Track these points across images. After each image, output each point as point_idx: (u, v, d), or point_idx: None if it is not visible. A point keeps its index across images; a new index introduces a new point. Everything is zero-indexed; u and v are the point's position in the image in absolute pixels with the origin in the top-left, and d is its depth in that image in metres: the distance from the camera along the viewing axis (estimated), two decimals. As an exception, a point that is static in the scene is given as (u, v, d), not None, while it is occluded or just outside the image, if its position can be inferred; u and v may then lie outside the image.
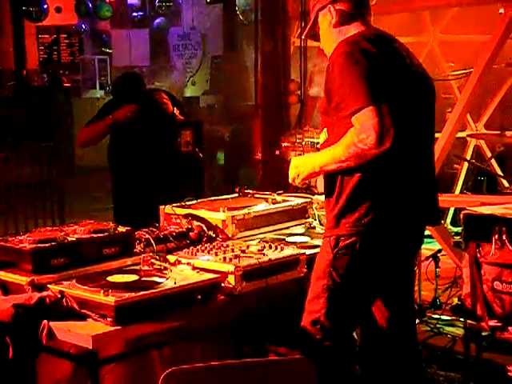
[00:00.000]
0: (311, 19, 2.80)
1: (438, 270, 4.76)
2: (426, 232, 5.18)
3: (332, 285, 2.56)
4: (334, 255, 2.55)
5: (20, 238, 2.80)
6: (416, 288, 4.79)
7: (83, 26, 15.31)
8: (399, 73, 2.58)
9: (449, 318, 4.53)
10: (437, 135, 5.20)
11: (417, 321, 4.59)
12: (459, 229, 4.23)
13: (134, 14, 14.94)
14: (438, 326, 4.53)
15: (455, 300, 3.74)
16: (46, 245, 2.69)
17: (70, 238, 2.79)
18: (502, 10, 5.10)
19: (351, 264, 2.55)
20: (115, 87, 5.25)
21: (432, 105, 2.76)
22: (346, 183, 2.56)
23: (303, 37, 3.13)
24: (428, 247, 5.36)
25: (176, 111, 4.86)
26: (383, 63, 2.52)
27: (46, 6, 13.33)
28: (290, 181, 2.74)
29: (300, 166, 2.67)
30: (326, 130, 2.65)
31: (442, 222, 6.22)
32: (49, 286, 2.54)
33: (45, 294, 2.47)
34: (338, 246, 2.55)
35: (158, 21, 13.88)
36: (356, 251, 2.53)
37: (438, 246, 5.07)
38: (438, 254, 4.85)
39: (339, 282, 2.55)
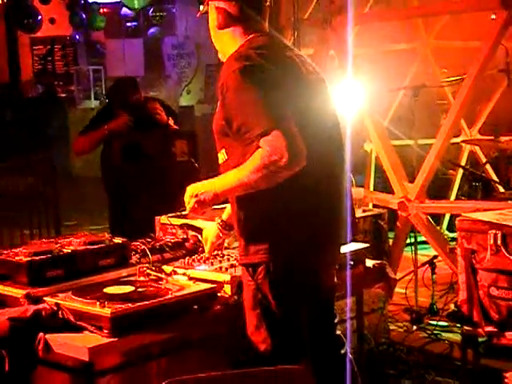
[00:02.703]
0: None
1: (434, 276, 4.77)
2: (422, 238, 5.23)
3: (265, 312, 2.49)
4: (256, 283, 2.48)
5: (15, 250, 2.80)
6: (413, 294, 4.80)
7: (77, 37, 15.33)
8: (296, 84, 2.46)
9: (446, 324, 4.53)
10: (431, 141, 5.22)
11: (414, 327, 4.61)
12: (455, 234, 4.24)
13: (128, 24, 14.98)
14: (435, 332, 4.53)
15: (452, 306, 3.75)
16: (42, 257, 2.68)
17: (65, 250, 2.79)
18: (493, 16, 5.13)
19: (273, 288, 2.46)
20: (111, 92, 5.24)
21: (334, 111, 2.64)
22: (249, 209, 2.46)
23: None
24: (424, 253, 5.37)
25: (170, 121, 4.88)
26: (279, 77, 2.38)
27: (40, 18, 13.33)
28: (189, 211, 2.54)
29: (199, 192, 2.47)
30: (223, 150, 2.52)
31: (438, 227, 6.23)
32: (45, 298, 2.53)
33: (41, 306, 2.47)
34: (256, 273, 2.47)
35: (152, 30, 13.91)
36: (273, 276, 2.45)
37: (434, 252, 5.07)
38: (434, 260, 4.85)
39: (271, 308, 2.48)
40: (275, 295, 2.48)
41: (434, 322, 4.63)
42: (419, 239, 5.09)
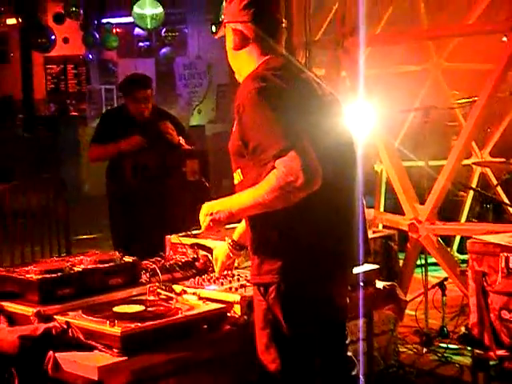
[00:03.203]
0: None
1: (444, 298, 4.74)
2: (433, 260, 5.22)
3: (275, 332, 2.48)
4: (267, 303, 2.48)
5: (26, 268, 2.81)
6: (423, 316, 4.77)
7: (90, 56, 15.47)
8: (312, 105, 2.48)
9: (456, 346, 4.50)
10: (442, 163, 5.22)
11: (424, 350, 4.57)
12: (466, 256, 4.22)
13: (141, 43, 15.11)
14: (445, 354, 4.49)
15: (462, 329, 3.72)
16: (53, 275, 2.70)
17: (76, 269, 2.80)
18: (504, 39, 5.13)
19: (284, 308, 2.46)
20: (122, 84, 5.24)
21: (349, 132, 2.65)
22: (263, 229, 2.47)
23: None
24: (434, 275, 5.34)
25: (182, 140, 4.90)
26: (295, 98, 2.40)
27: (53, 37, 13.49)
28: (203, 229, 2.54)
29: (214, 211, 2.49)
30: (239, 170, 2.53)
31: (449, 249, 6.20)
32: (55, 316, 2.54)
33: (51, 324, 2.47)
34: (267, 293, 2.47)
35: (164, 50, 14.03)
36: (285, 296, 2.45)
37: (444, 274, 5.05)
38: (445, 282, 4.83)
39: (281, 328, 2.47)
40: (286, 315, 2.47)
41: (445, 345, 4.60)
42: (429, 261, 5.07)
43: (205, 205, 2.55)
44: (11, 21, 14.43)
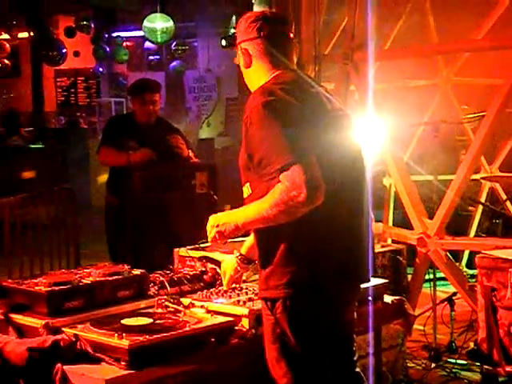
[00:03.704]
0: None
1: (453, 313, 4.72)
2: (441, 274, 5.20)
3: (285, 346, 2.48)
4: (275, 318, 2.48)
5: (35, 280, 2.82)
6: (431, 331, 4.75)
7: (100, 69, 15.56)
8: (320, 119, 2.48)
9: (465, 362, 4.47)
10: (451, 177, 5.21)
11: (433, 365, 4.55)
12: (475, 271, 4.20)
13: (151, 57, 15.20)
14: (454, 370, 4.46)
15: (471, 344, 3.71)
16: (61, 288, 2.70)
17: (84, 281, 2.81)
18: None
19: (292, 323, 2.46)
20: (131, 88, 5.29)
21: (358, 147, 2.65)
22: (270, 243, 2.47)
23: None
24: (443, 290, 5.32)
25: (191, 154, 4.93)
26: (303, 113, 2.41)
27: (64, 50, 13.58)
28: (210, 240, 2.58)
29: (221, 223, 2.52)
30: (248, 184, 2.55)
31: (458, 264, 6.18)
32: (63, 329, 2.54)
33: (59, 337, 2.48)
34: (274, 308, 2.47)
35: (173, 64, 14.09)
36: (291, 311, 2.45)
37: (453, 289, 5.03)
38: (453, 297, 4.81)
39: (290, 343, 2.47)
40: (294, 330, 2.47)
41: (453, 360, 4.57)
42: (438, 275, 5.05)
43: (212, 216, 2.58)
44: (23, 34, 14.57)
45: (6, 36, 14.62)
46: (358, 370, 2.74)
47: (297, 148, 2.34)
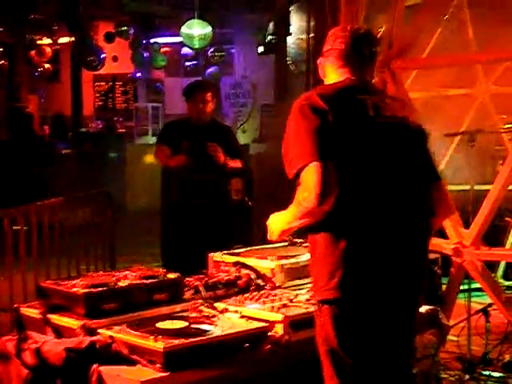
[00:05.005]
0: None
1: (488, 324, 4.66)
2: (477, 285, 5.14)
3: (331, 349, 2.50)
4: (322, 320, 2.50)
5: (73, 282, 2.87)
6: (466, 342, 4.70)
7: (138, 75, 15.71)
8: (356, 127, 2.50)
9: (500, 374, 4.42)
10: (488, 187, 5.15)
11: (466, 376, 4.50)
12: (511, 282, 4.16)
13: (187, 63, 15.30)
14: (488, 382, 4.41)
15: (507, 357, 3.66)
16: (98, 289, 2.75)
17: (121, 284, 2.85)
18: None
19: (338, 328, 2.48)
20: (186, 88, 5.36)
21: (406, 156, 2.63)
22: (321, 248, 2.49)
23: None
24: (478, 301, 5.26)
25: (228, 160, 4.95)
26: (333, 119, 2.44)
27: (103, 56, 13.75)
28: (268, 237, 2.68)
29: (273, 222, 2.63)
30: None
31: (493, 275, 6.10)
32: (99, 330, 2.59)
33: (96, 338, 2.52)
34: (321, 311, 2.50)
35: (210, 70, 14.17)
36: (337, 316, 2.47)
37: (488, 300, 4.97)
38: (489, 308, 4.75)
39: (335, 346, 2.49)
40: (338, 335, 2.48)
41: (487, 373, 4.52)
42: (473, 286, 5.00)
43: (272, 215, 2.65)
44: (63, 39, 14.79)
45: (47, 41, 14.85)
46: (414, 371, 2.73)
47: (316, 151, 2.38)
